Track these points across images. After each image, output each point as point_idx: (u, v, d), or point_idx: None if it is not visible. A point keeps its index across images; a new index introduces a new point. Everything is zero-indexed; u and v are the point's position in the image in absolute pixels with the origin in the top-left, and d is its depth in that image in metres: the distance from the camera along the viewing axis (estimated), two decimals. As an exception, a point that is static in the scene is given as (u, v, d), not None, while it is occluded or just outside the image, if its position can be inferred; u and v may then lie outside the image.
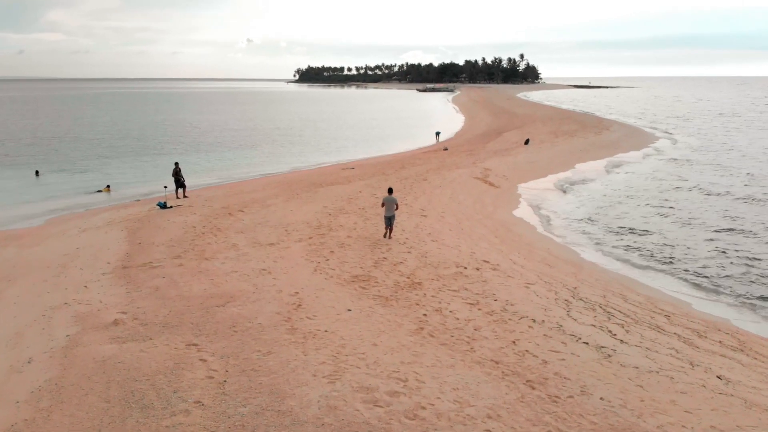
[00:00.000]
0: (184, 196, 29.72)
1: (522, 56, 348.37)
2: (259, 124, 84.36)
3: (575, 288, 16.43)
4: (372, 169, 38.54)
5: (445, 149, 48.51)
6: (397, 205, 20.35)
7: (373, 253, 18.98)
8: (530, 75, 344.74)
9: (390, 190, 20.91)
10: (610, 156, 45.28)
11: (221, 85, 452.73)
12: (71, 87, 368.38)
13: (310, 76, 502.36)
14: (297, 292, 15.20)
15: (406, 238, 20.67)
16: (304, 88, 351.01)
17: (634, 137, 57.01)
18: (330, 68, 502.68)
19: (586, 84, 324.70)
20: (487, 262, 18.22)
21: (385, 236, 20.67)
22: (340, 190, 30.40)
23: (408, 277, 16.53)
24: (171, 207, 27.03)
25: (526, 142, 50.35)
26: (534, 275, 17.27)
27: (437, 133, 61.73)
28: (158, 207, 26.99)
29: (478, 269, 17.34)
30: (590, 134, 57.31)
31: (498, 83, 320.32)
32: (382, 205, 20.38)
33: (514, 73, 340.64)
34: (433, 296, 15.03)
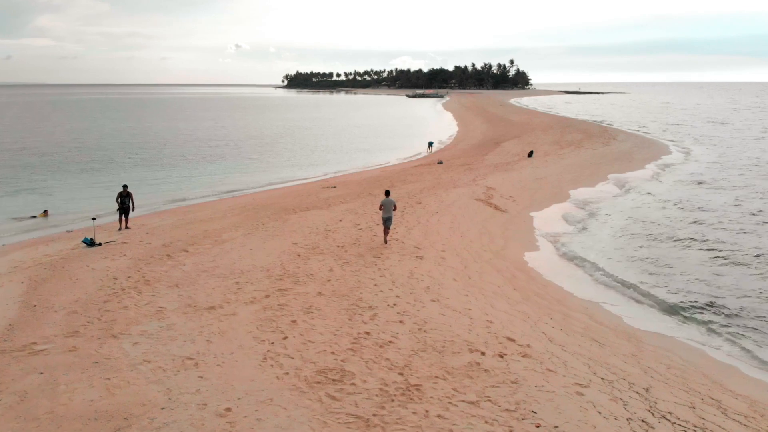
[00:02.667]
0: (126, 227, 24.14)
1: (512, 62, 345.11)
2: (232, 133, 78.05)
3: (648, 390, 11.10)
4: (356, 188, 33.13)
5: (440, 162, 43.23)
6: (395, 206, 20.65)
7: (352, 322, 13.60)
8: (520, 81, 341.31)
9: (387, 193, 21.29)
10: (625, 171, 40.16)
11: (209, 91, 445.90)
12: (56, 93, 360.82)
13: (299, 81, 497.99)
14: (229, 410, 9.80)
15: (398, 297, 15.28)
16: (292, 94, 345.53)
17: (645, 148, 52.01)
18: (319, 74, 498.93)
19: (577, 90, 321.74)
20: (513, 340, 12.85)
21: (385, 241, 20.61)
22: (316, 217, 24.98)
23: (401, 373, 11.15)
24: (100, 244, 21.49)
25: (530, 154, 45.20)
26: (583, 365, 11.92)
27: (430, 144, 56.49)
28: (84, 244, 21.45)
29: (501, 356, 11.97)
30: (598, 145, 52.24)
31: (488, 89, 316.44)
32: (380, 207, 20.52)
33: (505, 79, 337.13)
34: (440, 416, 9.65)
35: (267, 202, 29.43)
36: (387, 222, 20.30)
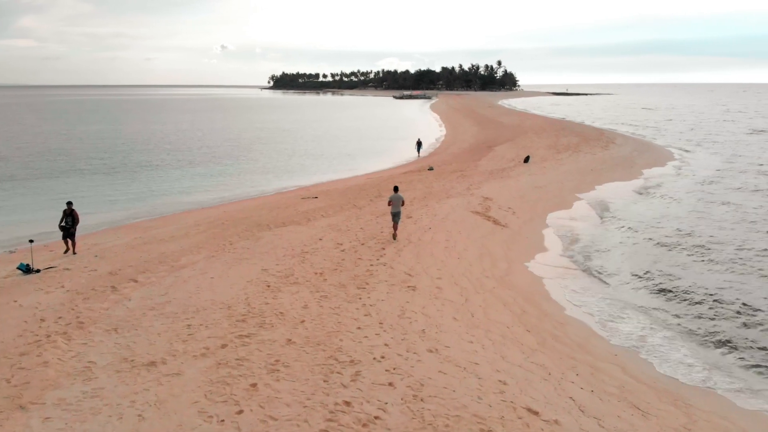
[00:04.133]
0: (72, 250, 20.87)
1: (499, 63, 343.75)
2: (207, 136, 73.81)
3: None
4: (339, 199, 30.13)
5: (430, 168, 40.35)
6: (403, 201, 20.92)
7: (329, 384, 10.64)
8: (508, 82, 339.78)
9: (396, 188, 21.32)
10: (629, 178, 37.54)
11: (194, 92, 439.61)
12: (36, 94, 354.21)
13: (285, 82, 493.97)
14: None
15: (386, 346, 12.34)
16: (278, 95, 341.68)
17: (646, 153, 49.47)
18: (305, 75, 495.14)
19: (564, 91, 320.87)
20: (535, 413, 9.95)
21: (394, 237, 20.82)
22: (293, 235, 21.95)
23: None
24: (38, 271, 18.35)
25: (526, 159, 42.45)
26: (632, 453, 9.05)
27: (418, 144, 53.53)
28: (20, 271, 18.29)
29: (523, 441, 9.07)
30: (596, 149, 49.62)
31: (475, 90, 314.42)
32: (389, 203, 20.83)
33: (492, 80, 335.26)
34: None
35: (238, 216, 26.34)
36: (395, 217, 20.68)
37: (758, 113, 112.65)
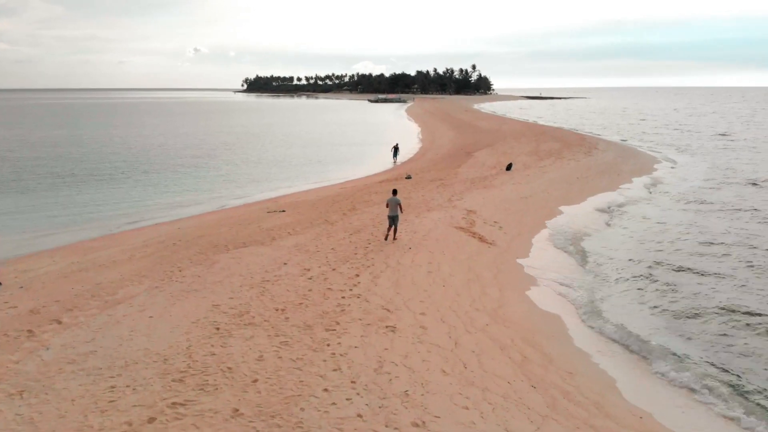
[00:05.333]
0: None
1: (474, 67, 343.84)
2: (169, 141, 69.42)
3: None
4: (309, 212, 27.40)
5: (408, 177, 37.85)
6: (401, 207, 20.89)
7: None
8: (482, 86, 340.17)
9: (394, 191, 21.44)
10: (617, 186, 35.49)
11: (167, 95, 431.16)
12: (4, 98, 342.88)
13: (259, 85, 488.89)
14: None
15: (360, 417, 9.72)
16: (252, 98, 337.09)
17: (630, 158, 47.63)
18: (279, 78, 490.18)
19: (538, 95, 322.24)
20: None
21: (386, 238, 20.86)
22: (253, 258, 19.18)
23: None
24: (-59, 308, 15.31)
25: (509, 167, 40.20)
26: None
27: (394, 149, 50.95)
28: None
29: None
30: (579, 155, 47.63)
31: (450, 94, 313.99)
32: (387, 205, 20.82)
33: (467, 84, 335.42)
34: None
35: (193, 234, 23.45)
36: (392, 220, 20.66)
37: (723, 116, 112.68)
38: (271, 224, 24.63)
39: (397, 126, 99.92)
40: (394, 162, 49.49)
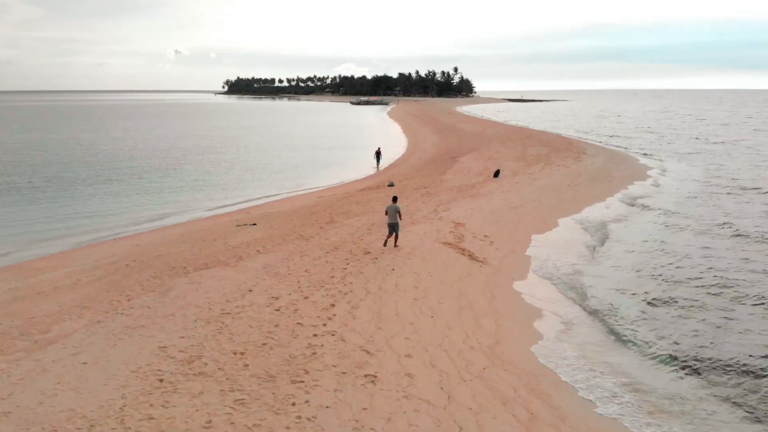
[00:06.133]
0: None
1: (456, 69, 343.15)
2: (138, 145, 65.93)
3: None
4: (282, 226, 25.08)
5: (391, 184, 35.66)
6: (400, 214, 20.47)
7: None
8: (465, 88, 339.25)
9: (395, 199, 21.11)
10: (610, 194, 33.65)
11: (147, 97, 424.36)
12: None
13: (240, 87, 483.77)
14: None
15: None
16: (232, 100, 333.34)
17: (621, 164, 45.92)
18: (261, 80, 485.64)
19: (519, 98, 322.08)
20: None
21: (385, 244, 20.39)
22: (215, 283, 16.83)
23: None
24: None
25: (496, 173, 38.17)
26: None
27: (377, 154, 48.82)
28: None
29: None
30: (568, 160, 45.78)
31: (433, 96, 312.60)
32: (386, 213, 20.43)
33: (449, 87, 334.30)
34: None
35: (151, 253, 21.00)
36: (392, 228, 20.26)
37: (701, 119, 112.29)
38: (239, 240, 22.26)
39: (379, 129, 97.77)
40: (377, 167, 47.39)
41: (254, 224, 25.27)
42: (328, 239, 22.05)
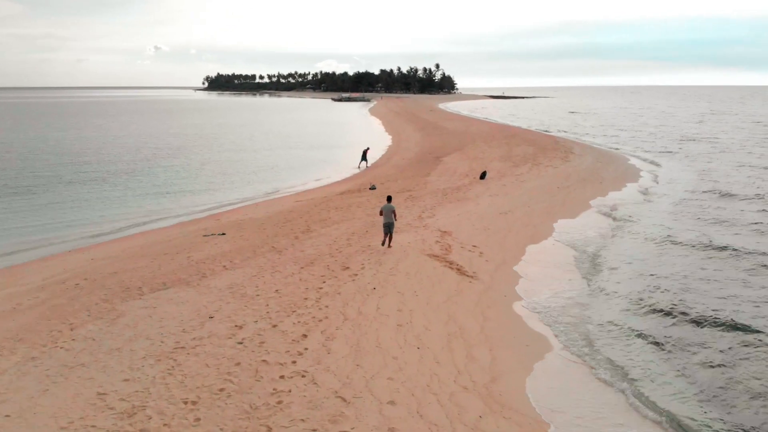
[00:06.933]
0: None
1: (438, 66, 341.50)
2: (105, 145, 62.33)
3: None
4: (254, 235, 23.10)
5: (372, 187, 33.79)
6: (395, 214, 20.15)
7: None
8: (446, 85, 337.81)
9: (389, 198, 20.77)
10: (602, 196, 32.15)
11: (125, 94, 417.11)
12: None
13: (220, 83, 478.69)
14: None
15: None
16: (212, 96, 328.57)
17: (610, 163, 44.49)
18: (241, 76, 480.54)
19: (501, 95, 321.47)
20: None
21: (383, 244, 20.19)
22: (172, 308, 14.84)
23: None
24: None
25: (483, 175, 36.48)
26: None
27: (364, 154, 46.98)
28: None
29: None
30: (556, 160, 44.24)
31: (415, 93, 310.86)
32: (381, 213, 20.06)
33: (431, 83, 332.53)
34: None
35: (106, 269, 18.90)
36: (387, 227, 20.03)
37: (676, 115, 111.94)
38: (205, 254, 20.24)
39: (361, 127, 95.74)
40: (362, 166, 45.68)
41: (223, 234, 23.25)
42: (303, 251, 20.14)
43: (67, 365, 11.90)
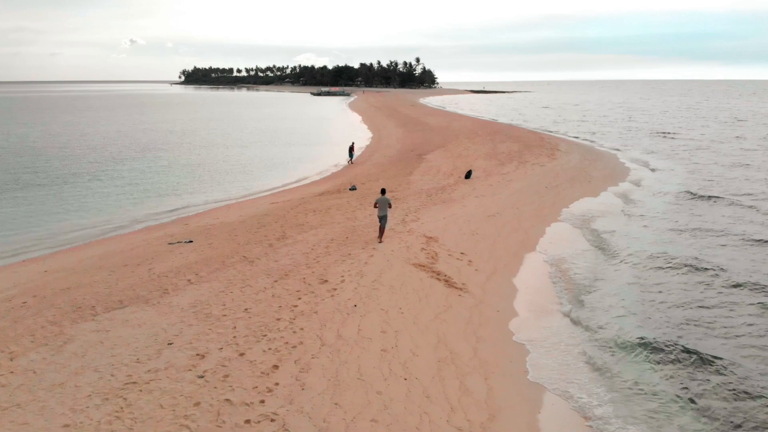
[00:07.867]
0: None
1: (418, 60, 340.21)
2: (71, 141, 59.84)
3: None
4: (224, 243, 21.37)
5: (353, 188, 32.19)
6: (390, 204, 20.34)
7: None
8: (427, 79, 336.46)
9: (383, 191, 20.72)
10: (593, 194, 30.98)
11: (99, 88, 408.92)
12: None
13: (197, 77, 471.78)
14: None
15: None
16: (189, 90, 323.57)
17: (597, 161, 43.38)
18: (218, 69, 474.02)
19: (482, 89, 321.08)
20: None
21: (380, 240, 20.25)
22: (127, 331, 13.15)
23: None
24: None
25: (468, 175, 35.08)
26: None
27: (350, 150, 45.76)
28: None
29: None
30: (542, 158, 43.00)
31: (395, 87, 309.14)
32: (375, 205, 20.24)
33: (411, 78, 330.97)
34: None
35: (59, 284, 17.08)
36: (382, 220, 20.11)
37: (667, 111, 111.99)
38: (168, 265, 18.49)
39: (342, 122, 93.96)
40: (350, 161, 44.69)
41: (190, 241, 21.50)
42: (277, 261, 18.50)
43: (12, 392, 10.22)
